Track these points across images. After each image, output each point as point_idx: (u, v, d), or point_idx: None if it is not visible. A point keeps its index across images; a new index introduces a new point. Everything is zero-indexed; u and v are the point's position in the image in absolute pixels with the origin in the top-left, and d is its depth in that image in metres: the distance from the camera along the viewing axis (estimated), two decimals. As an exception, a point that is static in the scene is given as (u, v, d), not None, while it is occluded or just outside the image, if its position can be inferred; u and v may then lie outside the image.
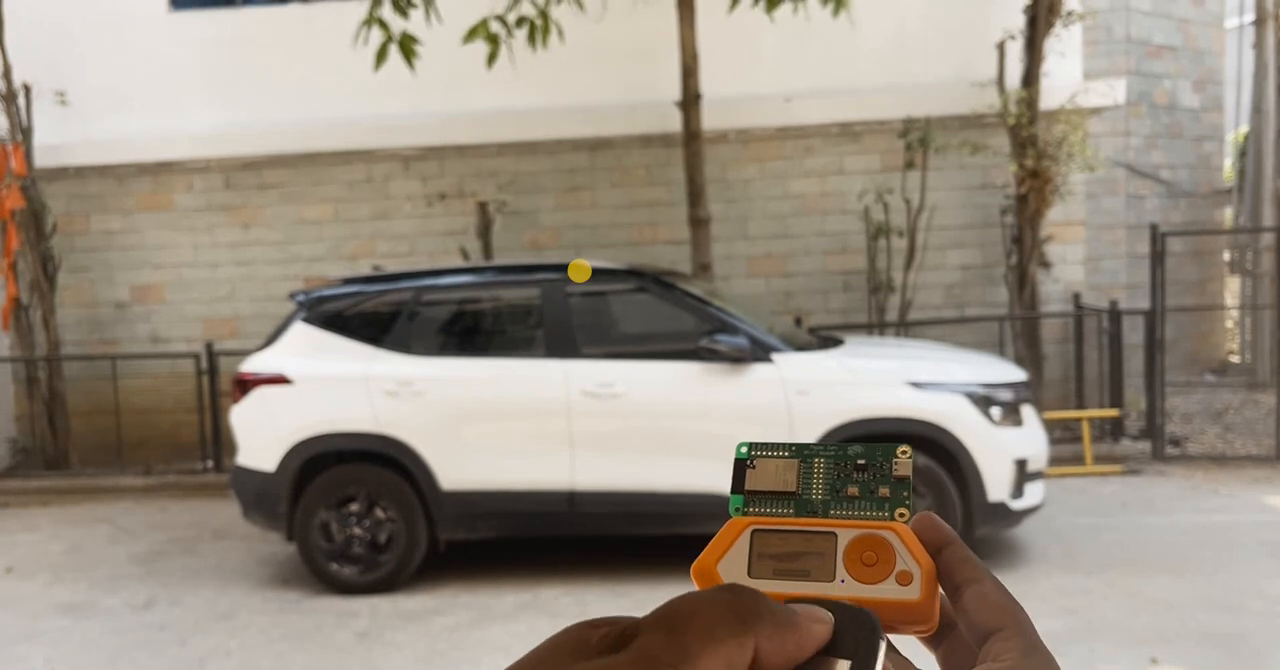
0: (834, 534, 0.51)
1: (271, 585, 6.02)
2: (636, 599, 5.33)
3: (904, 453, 0.52)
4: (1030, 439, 5.71)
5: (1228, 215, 12.75)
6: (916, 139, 8.37)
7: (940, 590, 0.50)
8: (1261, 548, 5.84)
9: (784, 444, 0.54)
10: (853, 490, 0.52)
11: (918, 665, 0.49)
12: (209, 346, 8.72)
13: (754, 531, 0.51)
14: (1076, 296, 8.96)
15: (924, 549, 0.50)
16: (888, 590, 0.49)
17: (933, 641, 0.52)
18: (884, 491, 0.52)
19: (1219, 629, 4.69)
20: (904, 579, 0.49)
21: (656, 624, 0.38)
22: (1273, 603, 4.98)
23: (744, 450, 0.54)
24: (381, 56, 6.06)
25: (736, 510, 0.53)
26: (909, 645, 0.51)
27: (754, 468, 0.53)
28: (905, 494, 0.52)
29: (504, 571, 6.04)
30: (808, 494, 0.53)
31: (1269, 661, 4.34)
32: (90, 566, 6.53)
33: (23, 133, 8.90)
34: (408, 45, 6.04)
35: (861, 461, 0.53)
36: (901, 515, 0.51)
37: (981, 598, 0.49)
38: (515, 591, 5.67)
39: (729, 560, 0.51)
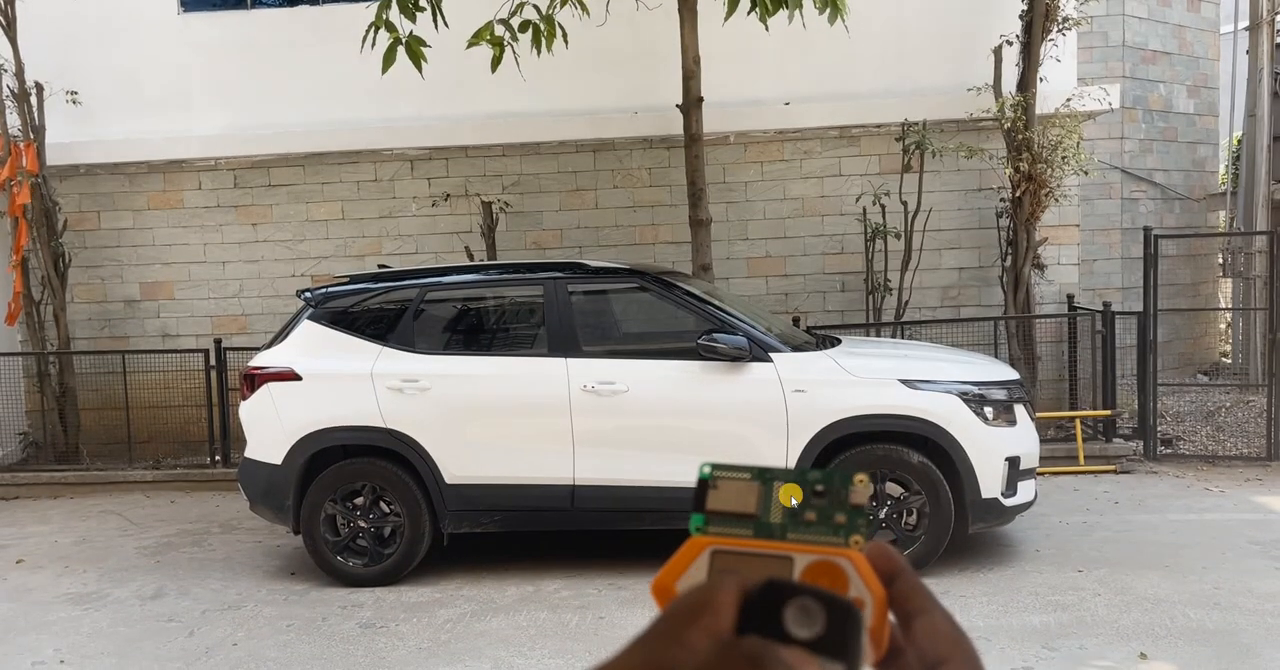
0: (791, 558, 0.52)
1: (278, 577, 6.10)
2: (637, 591, 5.42)
3: (861, 481, 0.54)
4: (1023, 437, 5.76)
5: (1221, 219, 12.84)
6: (914, 142, 8.43)
7: (891, 617, 0.51)
8: (1251, 546, 5.90)
9: (746, 466, 0.55)
10: (810, 515, 0.53)
11: None
12: (218, 343, 8.81)
13: (713, 552, 0.52)
14: (1070, 298, 9.04)
15: (876, 577, 0.51)
16: None
17: (879, 666, 0.52)
18: (840, 518, 0.53)
19: (1208, 625, 4.74)
20: (856, 605, 0.50)
21: None
22: (1262, 600, 5.03)
23: (706, 470, 0.55)
24: (389, 59, 6.12)
25: (697, 529, 0.53)
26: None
27: (716, 488, 0.54)
28: (861, 521, 0.53)
29: (506, 565, 6.11)
30: (766, 517, 0.53)
31: (1257, 658, 4.38)
32: (99, 558, 6.61)
33: (34, 131, 9.00)
34: (415, 48, 6.11)
35: (820, 487, 0.54)
36: (856, 542, 0.52)
37: (931, 628, 0.51)
38: (517, 584, 5.75)
39: (688, 579, 0.52)
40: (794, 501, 0.53)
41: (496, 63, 6.43)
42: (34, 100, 9.03)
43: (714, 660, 0.40)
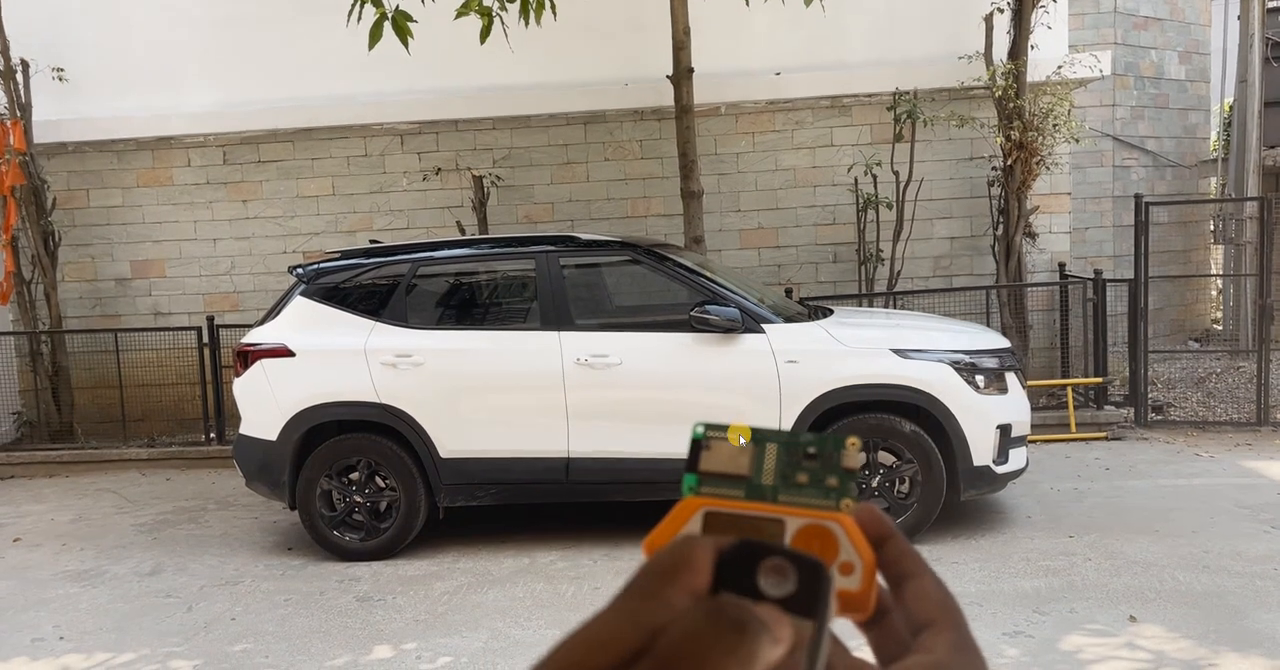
0: (783, 521, 0.52)
1: (275, 552, 6.13)
2: (632, 562, 5.44)
3: (853, 444, 0.54)
4: (1014, 405, 5.80)
5: (1213, 185, 12.85)
6: (905, 112, 8.42)
7: (880, 580, 0.52)
8: (1240, 510, 5.96)
9: (739, 427, 0.55)
10: (802, 478, 0.53)
11: (851, 647, 0.52)
12: (210, 320, 8.80)
13: (706, 513, 0.52)
14: (1062, 266, 9.06)
15: (866, 541, 0.51)
16: None
17: (866, 625, 0.53)
18: (832, 481, 0.53)
19: (1196, 588, 4.80)
20: (846, 569, 0.50)
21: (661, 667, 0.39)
22: (1250, 563, 5.09)
23: (700, 430, 0.54)
24: (375, 35, 6.06)
25: (690, 489, 0.53)
26: (842, 626, 0.54)
27: (709, 449, 0.54)
28: (852, 485, 0.53)
29: (502, 537, 6.15)
30: (759, 479, 0.53)
31: (1245, 619, 4.44)
32: (97, 535, 6.63)
33: (21, 109, 8.93)
34: (401, 23, 6.04)
35: (812, 450, 0.53)
36: (847, 506, 0.52)
37: (921, 592, 0.51)
38: (513, 556, 5.79)
39: None
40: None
41: (485, 34, 6.37)
42: (20, 77, 8.96)
43: (700, 623, 0.40)
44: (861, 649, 0.53)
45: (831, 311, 6.35)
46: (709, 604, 0.42)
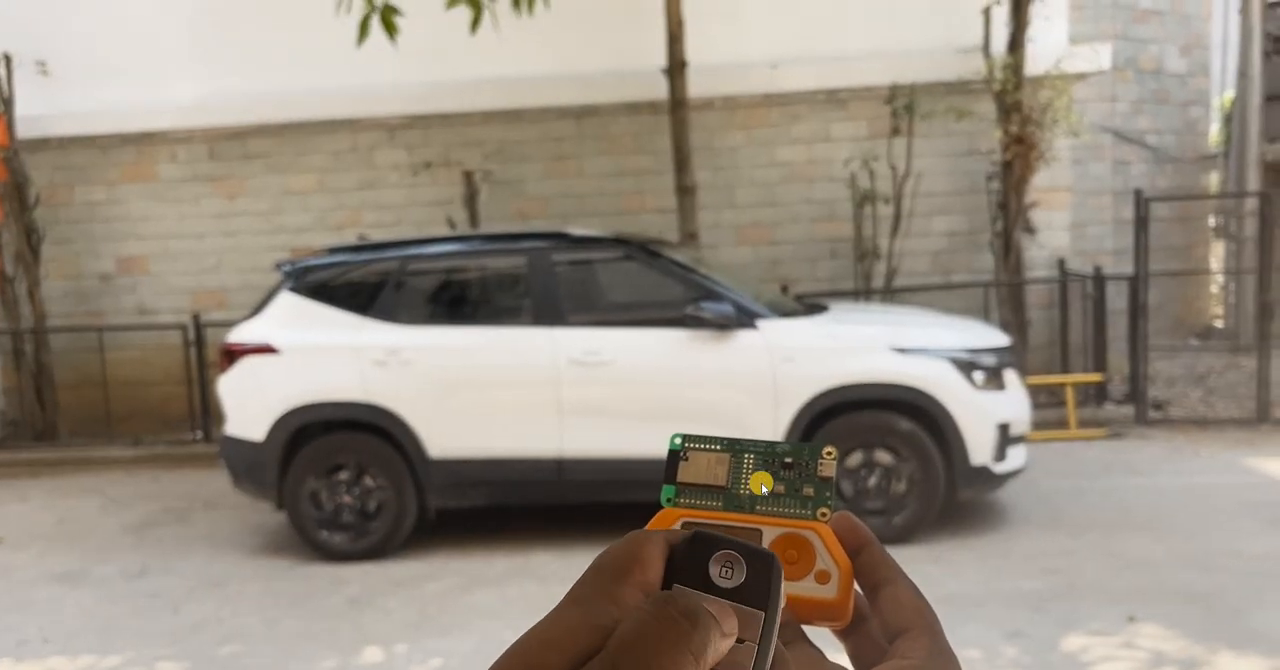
0: (760, 531, 0.53)
1: (263, 553, 6.06)
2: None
3: (829, 454, 0.54)
4: (1013, 403, 5.74)
5: (1214, 180, 12.79)
6: (903, 105, 8.36)
7: (856, 586, 0.53)
8: (1240, 509, 5.91)
9: (716, 438, 0.55)
10: (779, 488, 0.53)
11: (828, 654, 0.51)
12: (196, 318, 8.71)
13: (684, 524, 0.53)
14: (1061, 262, 9.00)
15: (842, 549, 0.52)
16: (806, 588, 0.51)
17: (843, 633, 0.54)
18: (809, 491, 0.53)
19: (1196, 587, 4.75)
20: (822, 578, 0.51)
21: (615, 662, 0.39)
22: (1249, 562, 5.05)
23: (677, 441, 0.55)
24: (364, 30, 5.99)
25: (668, 500, 0.54)
26: (820, 634, 0.54)
27: (686, 460, 0.54)
28: (828, 494, 0.53)
29: (495, 538, 6.08)
30: (736, 489, 0.54)
31: (1244, 618, 4.40)
32: (82, 536, 6.56)
33: (3, 103, 8.84)
34: (388, 18, 5.97)
35: (789, 460, 0.54)
36: (823, 515, 0.53)
37: (895, 599, 0.52)
38: (506, 557, 5.72)
39: None
40: (764, 489, 0.54)
41: (475, 24, 6.29)
42: (2, 71, 8.85)
43: (650, 615, 0.41)
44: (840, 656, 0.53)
45: (827, 308, 6.30)
46: (659, 596, 0.42)
